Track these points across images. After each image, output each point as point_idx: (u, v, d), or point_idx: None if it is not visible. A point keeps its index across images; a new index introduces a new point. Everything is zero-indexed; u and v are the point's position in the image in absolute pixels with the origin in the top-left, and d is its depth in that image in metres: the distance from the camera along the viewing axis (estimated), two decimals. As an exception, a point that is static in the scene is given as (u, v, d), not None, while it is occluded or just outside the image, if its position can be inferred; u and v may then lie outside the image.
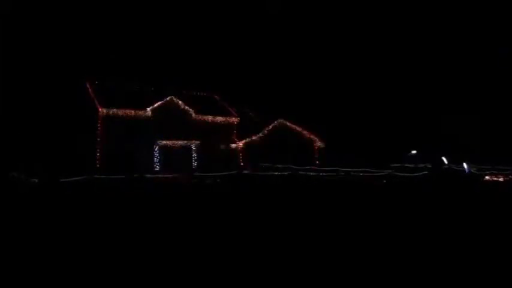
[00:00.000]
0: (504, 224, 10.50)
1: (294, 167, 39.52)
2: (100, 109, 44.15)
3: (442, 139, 43.48)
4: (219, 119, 47.72)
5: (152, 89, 50.04)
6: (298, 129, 46.95)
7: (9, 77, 49.23)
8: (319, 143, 46.90)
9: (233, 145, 45.94)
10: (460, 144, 40.87)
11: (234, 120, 47.97)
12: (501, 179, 35.04)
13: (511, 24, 53.37)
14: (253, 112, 52.59)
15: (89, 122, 44.97)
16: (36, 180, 32.44)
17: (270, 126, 46.39)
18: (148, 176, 35.25)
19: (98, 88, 47.42)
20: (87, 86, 47.64)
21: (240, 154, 45.73)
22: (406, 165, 37.85)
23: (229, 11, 62.49)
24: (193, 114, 46.55)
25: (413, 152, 39.85)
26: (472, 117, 41.47)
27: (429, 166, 36.87)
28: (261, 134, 45.77)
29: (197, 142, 44.21)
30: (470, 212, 13.28)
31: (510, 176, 36.05)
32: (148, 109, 45.18)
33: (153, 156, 44.15)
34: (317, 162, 46.36)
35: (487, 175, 36.66)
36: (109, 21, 60.06)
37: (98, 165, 42.00)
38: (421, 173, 35.70)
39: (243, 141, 45.61)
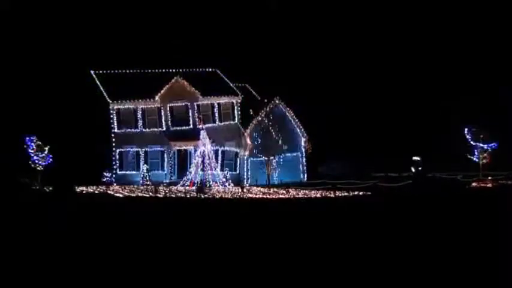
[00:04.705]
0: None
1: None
2: (111, 103, 45.26)
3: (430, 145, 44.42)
4: (224, 99, 49.05)
5: (155, 70, 49.90)
6: (291, 118, 48.06)
7: (10, 77, 49.41)
8: (307, 145, 48.09)
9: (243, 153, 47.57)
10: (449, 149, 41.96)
11: (237, 99, 49.17)
12: (489, 185, 35.94)
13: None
14: (254, 88, 53.36)
15: (100, 118, 45.50)
16: (50, 189, 33.34)
17: (268, 108, 47.88)
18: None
19: (105, 79, 47.05)
20: (94, 77, 47.62)
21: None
22: (390, 174, 39.32)
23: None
24: (200, 97, 47.59)
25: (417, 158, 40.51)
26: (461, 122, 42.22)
27: (412, 175, 38.26)
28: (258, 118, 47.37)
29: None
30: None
31: (500, 182, 36.75)
32: (156, 97, 46.46)
33: (167, 161, 45.45)
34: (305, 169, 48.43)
35: (474, 181, 37.31)
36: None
37: (114, 171, 44.14)
38: (404, 183, 36.84)
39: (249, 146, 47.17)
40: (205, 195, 33.54)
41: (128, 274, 11.03)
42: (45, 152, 37.63)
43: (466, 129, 39.14)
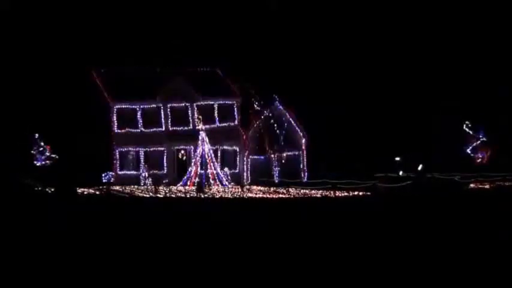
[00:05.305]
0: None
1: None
2: (112, 103, 45.34)
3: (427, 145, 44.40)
4: (224, 99, 49.06)
5: (157, 69, 49.91)
6: (291, 118, 48.15)
7: (10, 77, 49.37)
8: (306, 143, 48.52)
9: None
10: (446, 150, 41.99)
11: (237, 100, 49.22)
12: (487, 187, 36.24)
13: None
14: (254, 88, 53.25)
15: (99, 118, 45.61)
16: (52, 190, 33.47)
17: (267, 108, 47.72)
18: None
19: (105, 77, 47.28)
20: (94, 76, 47.68)
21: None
22: (389, 174, 39.48)
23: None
24: (200, 97, 47.52)
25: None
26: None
27: (412, 175, 38.43)
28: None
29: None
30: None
31: (497, 183, 36.93)
32: (157, 97, 46.47)
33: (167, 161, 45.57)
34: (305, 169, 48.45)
35: (472, 183, 37.48)
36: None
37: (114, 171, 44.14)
38: (404, 183, 36.86)
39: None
40: (205, 195, 33.71)
41: (128, 274, 11.09)
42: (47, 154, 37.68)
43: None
